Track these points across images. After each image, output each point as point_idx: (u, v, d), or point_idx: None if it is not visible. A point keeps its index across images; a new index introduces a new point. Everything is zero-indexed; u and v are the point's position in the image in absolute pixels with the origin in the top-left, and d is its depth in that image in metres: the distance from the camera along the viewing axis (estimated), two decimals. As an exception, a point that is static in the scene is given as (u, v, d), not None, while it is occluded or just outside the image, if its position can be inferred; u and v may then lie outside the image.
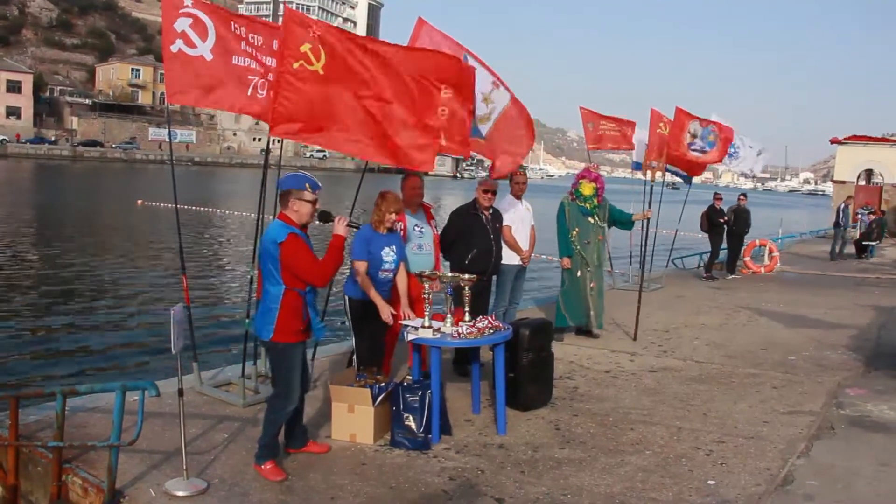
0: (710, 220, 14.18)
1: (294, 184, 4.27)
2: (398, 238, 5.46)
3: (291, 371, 4.34)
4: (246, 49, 5.52)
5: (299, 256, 4.17)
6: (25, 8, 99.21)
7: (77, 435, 4.62)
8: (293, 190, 4.25)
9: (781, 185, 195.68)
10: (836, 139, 30.11)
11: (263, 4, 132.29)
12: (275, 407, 4.37)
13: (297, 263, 4.18)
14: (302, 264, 4.18)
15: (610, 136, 12.86)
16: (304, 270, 4.19)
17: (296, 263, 4.18)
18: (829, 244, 20.48)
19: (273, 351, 4.40)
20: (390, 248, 5.25)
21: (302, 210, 4.26)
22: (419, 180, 6.09)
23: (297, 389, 4.40)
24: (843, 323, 9.80)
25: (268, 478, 4.25)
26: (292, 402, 4.37)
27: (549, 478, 4.46)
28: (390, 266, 5.26)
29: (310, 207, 4.28)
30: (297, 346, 4.36)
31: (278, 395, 4.39)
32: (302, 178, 4.31)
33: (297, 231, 4.22)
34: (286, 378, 4.35)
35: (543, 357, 5.82)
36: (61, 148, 78.08)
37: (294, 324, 4.27)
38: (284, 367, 4.34)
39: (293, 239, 4.17)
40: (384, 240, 5.23)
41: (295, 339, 4.32)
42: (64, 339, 10.94)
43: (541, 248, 9.14)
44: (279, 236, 4.17)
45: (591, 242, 7.98)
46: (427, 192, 6.71)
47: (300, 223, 4.29)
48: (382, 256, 5.20)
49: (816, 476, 4.58)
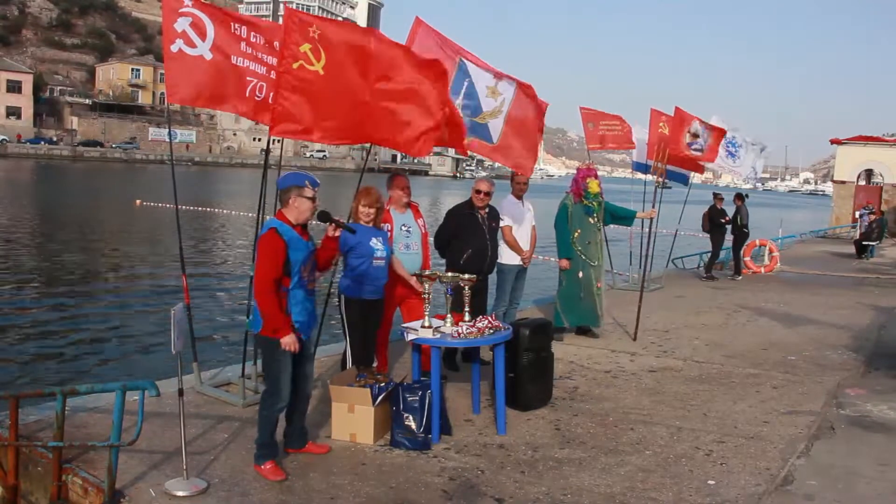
0: (712, 220, 14.18)
1: (294, 181, 4.32)
2: (384, 234, 5.49)
3: (279, 367, 4.31)
4: (246, 50, 5.52)
5: (262, 253, 4.20)
6: (25, 8, 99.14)
7: (77, 435, 4.61)
8: (294, 187, 4.29)
9: (781, 185, 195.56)
10: (836, 139, 30.10)
11: (263, 4, 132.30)
12: (265, 403, 4.38)
13: (258, 259, 4.24)
14: (259, 262, 4.23)
15: (611, 135, 12.84)
16: (257, 268, 4.24)
17: (258, 258, 4.24)
18: (829, 244, 20.47)
19: (261, 345, 4.42)
20: (377, 239, 5.30)
21: (302, 207, 4.29)
22: (405, 180, 6.11)
23: (287, 386, 4.37)
24: (843, 323, 9.80)
25: (268, 478, 4.24)
26: (282, 400, 4.36)
27: (549, 478, 4.46)
28: (382, 254, 5.30)
29: (310, 204, 4.31)
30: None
31: (267, 391, 4.40)
32: (301, 176, 4.37)
33: (281, 227, 4.23)
34: (274, 374, 4.34)
35: (543, 357, 5.82)
36: (61, 148, 78.10)
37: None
38: (272, 363, 4.33)
39: (270, 234, 4.21)
40: (371, 231, 5.29)
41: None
42: (64, 339, 10.95)
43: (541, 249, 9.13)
44: (263, 229, 4.29)
45: (593, 242, 7.97)
46: (427, 191, 6.74)
47: (298, 221, 4.30)
48: (372, 246, 5.22)
49: (816, 476, 4.58)
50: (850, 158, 29.67)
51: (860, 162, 29.61)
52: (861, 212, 24.48)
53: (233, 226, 27.51)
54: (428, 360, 5.31)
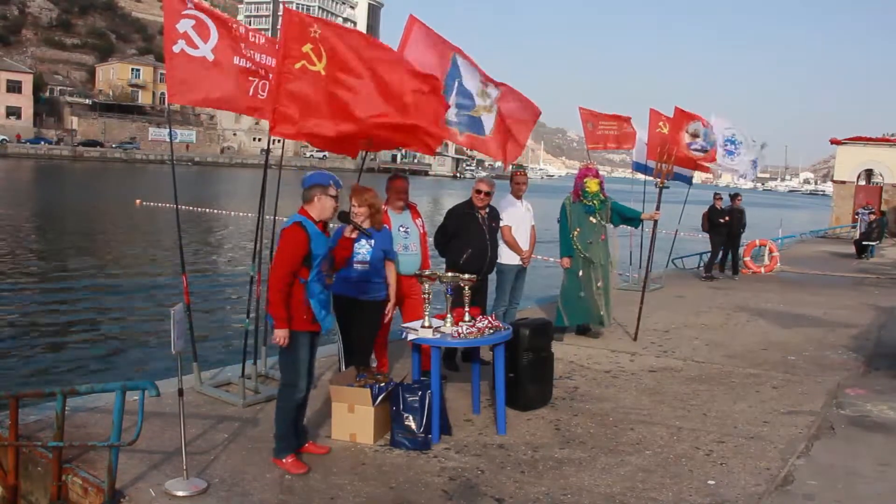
0: (711, 221, 14.19)
1: (321, 180, 4.46)
2: (381, 235, 5.45)
3: (297, 359, 4.41)
4: (248, 50, 5.53)
5: (284, 244, 4.30)
6: (25, 8, 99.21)
7: (77, 435, 4.62)
8: (319, 185, 4.43)
9: (781, 185, 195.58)
10: (836, 139, 30.10)
11: (263, 4, 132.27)
12: (283, 395, 4.46)
13: (279, 252, 4.32)
14: (279, 252, 4.32)
15: (610, 135, 12.83)
16: (276, 260, 4.34)
17: (278, 251, 4.33)
18: (829, 244, 20.47)
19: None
20: (367, 242, 5.29)
21: (325, 205, 4.42)
22: (404, 183, 6.09)
23: (305, 378, 4.48)
24: (843, 323, 9.80)
25: (290, 471, 4.31)
26: (300, 391, 4.47)
27: (549, 478, 4.46)
28: (364, 258, 5.31)
29: (333, 202, 4.45)
30: (303, 335, 4.41)
31: (285, 383, 4.47)
32: (327, 176, 4.52)
33: (303, 221, 4.33)
34: (292, 366, 4.42)
35: (543, 357, 5.82)
36: (61, 148, 78.11)
37: (298, 311, 4.34)
38: (290, 355, 4.41)
39: (295, 227, 4.31)
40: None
41: (300, 327, 4.37)
42: (64, 339, 10.95)
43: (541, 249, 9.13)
44: (287, 223, 4.35)
45: (594, 242, 7.96)
46: (427, 191, 6.76)
47: (321, 218, 4.42)
48: (355, 248, 5.18)
49: (816, 476, 4.58)
50: (850, 158, 29.67)
51: (860, 162, 29.61)
52: (861, 212, 24.48)
53: (233, 226, 27.51)
54: (428, 360, 5.31)
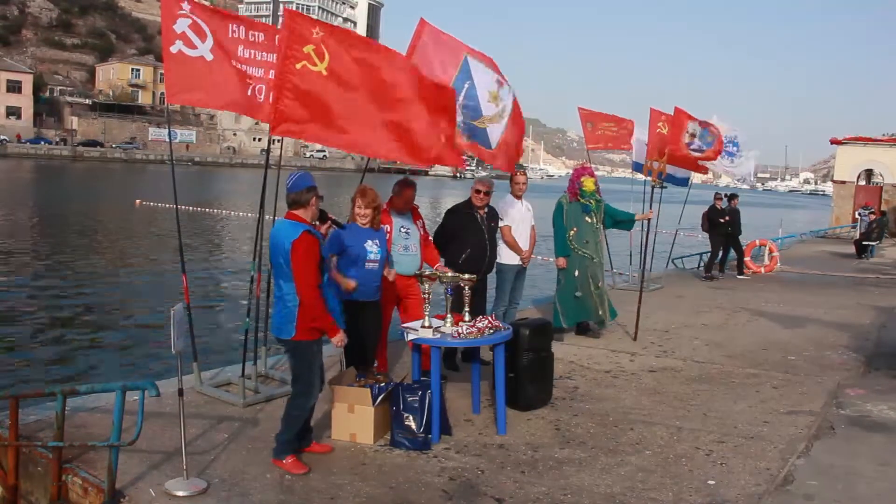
0: (711, 221, 14.19)
1: (312, 182, 4.43)
2: (382, 236, 5.46)
3: (312, 367, 4.43)
4: (246, 51, 5.53)
5: (307, 258, 4.21)
6: (25, 8, 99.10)
7: (77, 435, 4.61)
8: (313, 188, 4.39)
9: (781, 185, 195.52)
10: (836, 139, 30.09)
11: (263, 4, 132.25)
12: (297, 404, 4.44)
13: (303, 265, 4.21)
14: (303, 267, 4.21)
15: (609, 136, 12.84)
16: (298, 275, 4.22)
17: (299, 265, 4.21)
18: (829, 244, 20.47)
19: (294, 349, 4.43)
20: (373, 242, 5.28)
21: (316, 207, 4.43)
22: (412, 192, 6.01)
23: (318, 385, 4.51)
24: (843, 323, 9.80)
25: (291, 472, 4.32)
26: (313, 398, 4.49)
27: (549, 478, 4.46)
28: (375, 257, 5.29)
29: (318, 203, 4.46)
30: (316, 343, 4.43)
31: (300, 392, 4.45)
32: (310, 176, 4.47)
33: (310, 229, 4.32)
34: (307, 375, 4.43)
35: (543, 357, 5.82)
36: (61, 148, 78.09)
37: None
38: (305, 365, 4.41)
39: (306, 237, 4.24)
40: (367, 233, 5.27)
41: (314, 335, 4.38)
42: (64, 338, 10.95)
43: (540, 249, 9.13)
44: (293, 233, 4.24)
45: (590, 241, 7.97)
46: (427, 191, 6.75)
47: (312, 221, 4.42)
48: (366, 248, 5.21)
49: (816, 476, 4.58)
50: (850, 158, 29.66)
51: (860, 162, 29.60)
52: (861, 211, 24.47)
53: (233, 226, 27.50)
54: (428, 360, 5.31)
